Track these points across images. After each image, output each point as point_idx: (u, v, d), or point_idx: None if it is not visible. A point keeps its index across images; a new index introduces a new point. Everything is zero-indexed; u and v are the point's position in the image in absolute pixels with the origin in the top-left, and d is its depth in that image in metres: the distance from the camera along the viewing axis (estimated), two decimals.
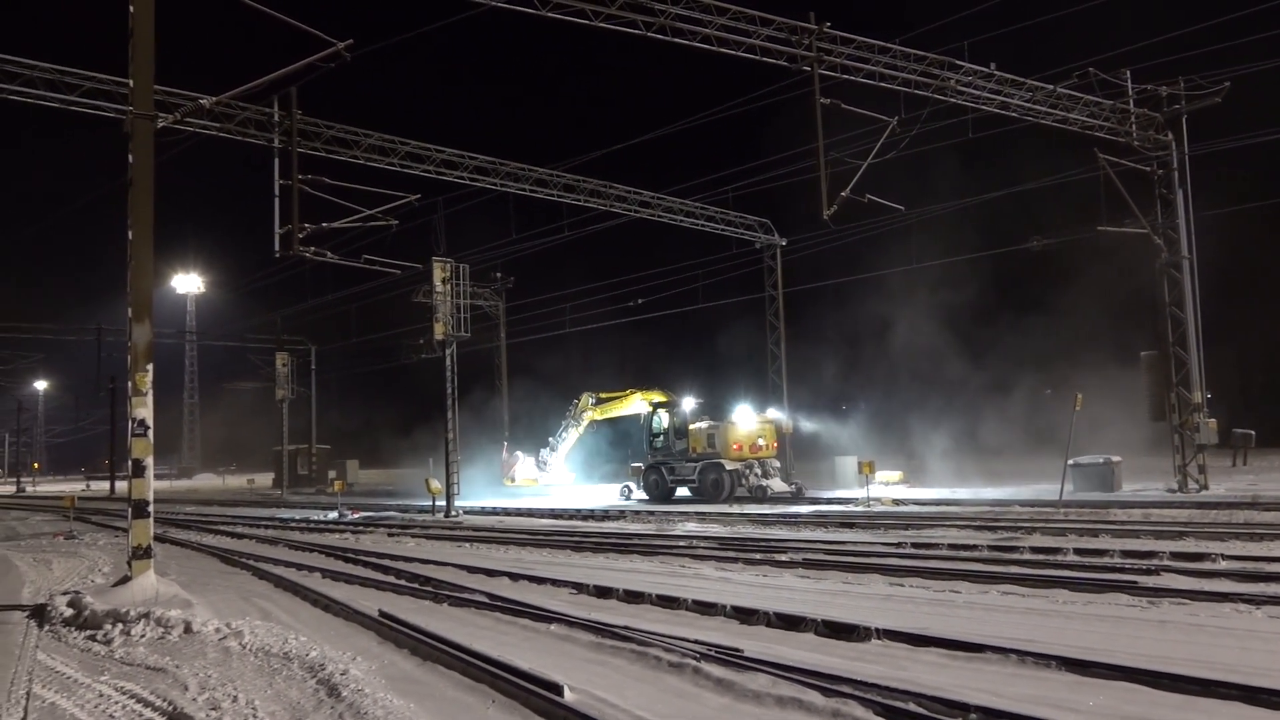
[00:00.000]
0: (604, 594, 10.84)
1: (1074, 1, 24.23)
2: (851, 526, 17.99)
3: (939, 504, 22.27)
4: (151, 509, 11.31)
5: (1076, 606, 9.03)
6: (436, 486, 26.17)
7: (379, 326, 47.28)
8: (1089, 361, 30.47)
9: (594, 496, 31.96)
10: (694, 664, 7.02)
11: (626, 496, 30.73)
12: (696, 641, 7.61)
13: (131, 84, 11.91)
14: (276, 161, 18.66)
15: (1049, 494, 21.47)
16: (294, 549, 18.26)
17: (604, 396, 34.88)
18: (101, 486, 65.46)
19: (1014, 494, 23.20)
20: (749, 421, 28.77)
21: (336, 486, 34.67)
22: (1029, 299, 43.33)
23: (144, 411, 11.23)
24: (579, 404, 35.44)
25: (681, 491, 29.41)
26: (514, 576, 12.56)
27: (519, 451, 39.30)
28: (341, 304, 45.56)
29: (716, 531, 18.25)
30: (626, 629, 8.23)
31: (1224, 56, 22.34)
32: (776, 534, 17.25)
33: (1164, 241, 23.28)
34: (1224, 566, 10.96)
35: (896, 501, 23.38)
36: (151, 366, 11.42)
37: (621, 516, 23.04)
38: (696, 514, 22.39)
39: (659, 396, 32.20)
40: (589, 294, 41.01)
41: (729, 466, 27.52)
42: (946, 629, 7.88)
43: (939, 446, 34.59)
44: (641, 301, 37.44)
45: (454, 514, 25.54)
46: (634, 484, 31.08)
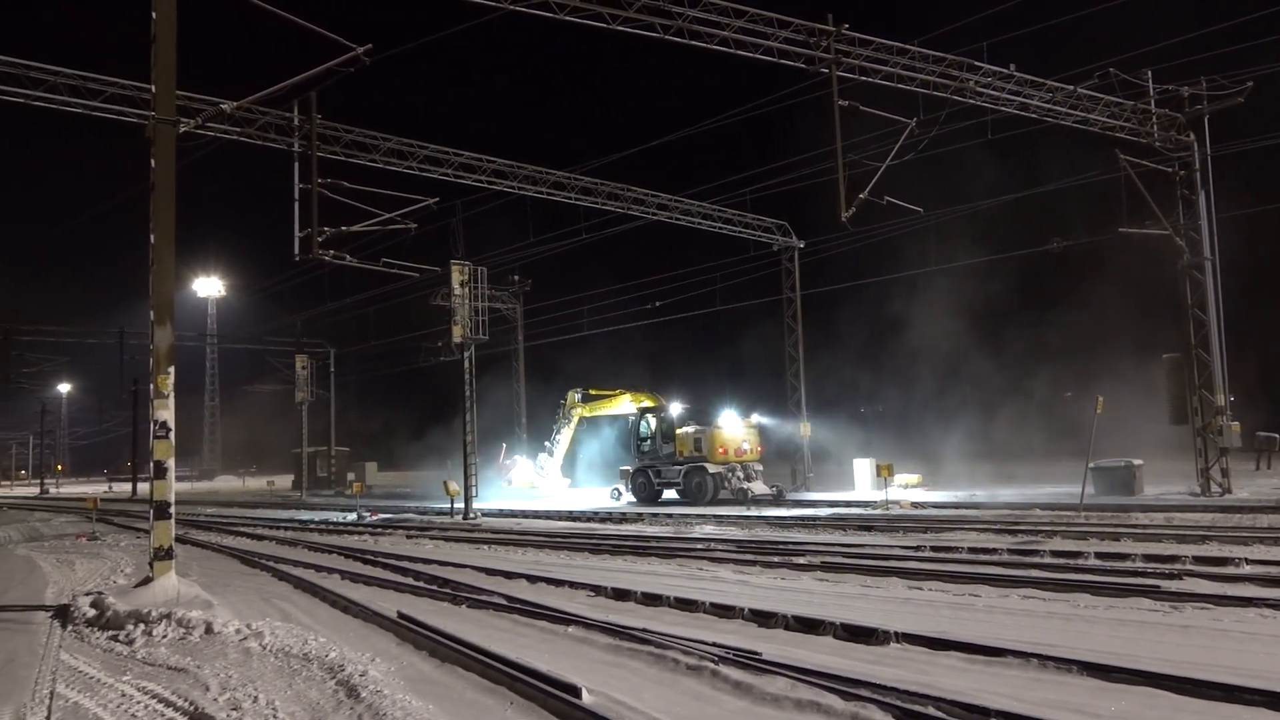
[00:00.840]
0: (622, 596, 10.84)
1: (1094, 1, 24.07)
2: (870, 529, 17.91)
3: (958, 507, 22.16)
4: (173, 510, 11.40)
5: (1098, 611, 8.96)
6: (455, 488, 26.26)
7: (397, 329, 47.44)
8: (1110, 364, 30.26)
9: (597, 500, 32.16)
10: (712, 667, 7.01)
11: (616, 498, 31.75)
12: (714, 644, 7.59)
13: (154, 89, 12.03)
14: (296, 165, 18.73)
15: (1069, 497, 21.30)
16: (313, 550, 18.36)
17: (593, 394, 35.40)
18: (124, 488, 66.04)
19: (1034, 497, 23.04)
20: (734, 426, 29.62)
21: (355, 488, 34.92)
22: (1049, 301, 43.07)
23: (165, 413, 11.32)
24: (566, 402, 35.88)
25: (669, 494, 30.15)
26: (532, 579, 12.57)
27: (517, 455, 39.67)
28: (360, 307, 45.77)
29: (734, 534, 18.22)
30: (644, 631, 8.23)
31: (1246, 56, 22.10)
32: (794, 537, 17.21)
33: (1186, 243, 23.06)
34: (1248, 571, 10.85)
35: (915, 504, 23.26)
36: (173, 369, 11.51)
37: (639, 519, 23.05)
38: (714, 517, 22.36)
39: (648, 401, 32.79)
40: (606, 297, 41.01)
41: (712, 470, 28.46)
42: (966, 633, 7.84)
43: (958, 449, 34.42)
44: (659, 304, 37.43)
45: (472, 516, 25.60)
46: (623, 486, 31.89)
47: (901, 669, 6.93)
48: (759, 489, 28.30)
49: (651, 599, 10.42)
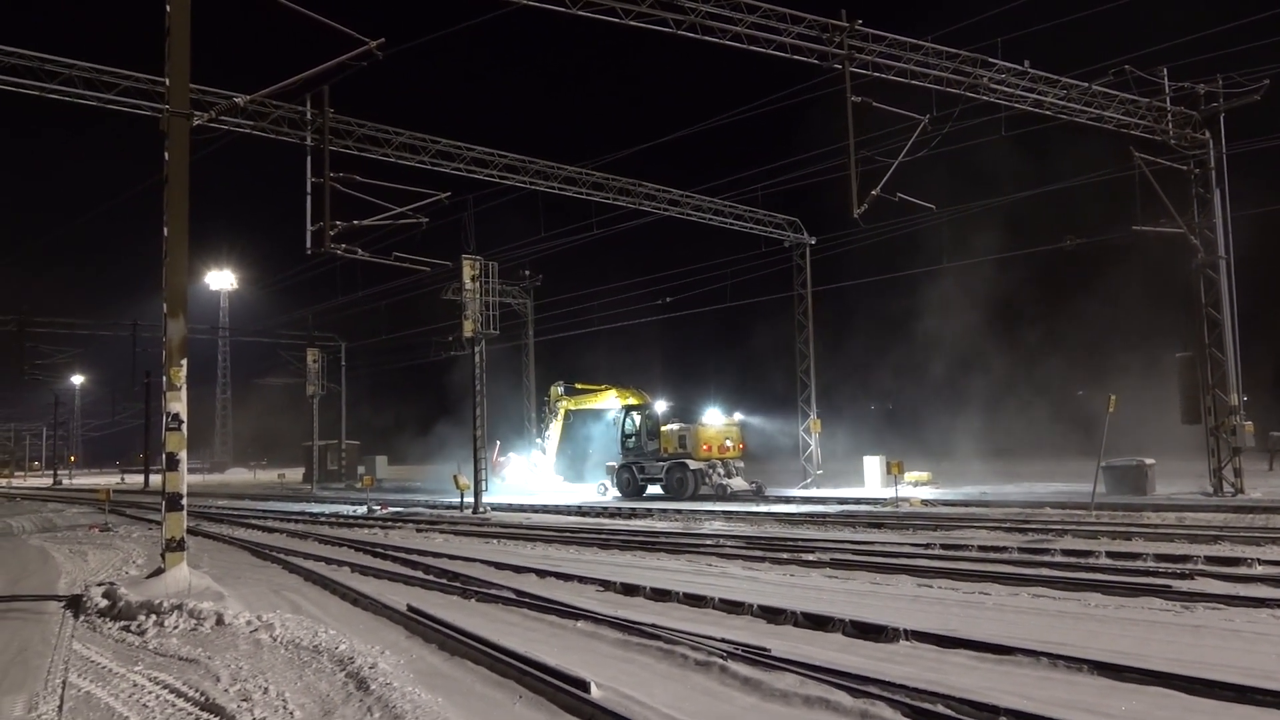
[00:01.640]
0: (631, 591, 10.85)
1: None
2: (880, 527, 17.88)
3: (968, 505, 22.09)
4: (185, 502, 11.45)
5: (1109, 610, 8.92)
6: (465, 482, 26.32)
7: (409, 324, 47.52)
8: (1122, 362, 30.13)
9: (590, 496, 32.45)
10: (721, 662, 7.01)
11: (603, 493, 32.64)
12: (723, 640, 7.59)
13: (168, 82, 12.08)
14: (309, 159, 18.77)
15: (1080, 495, 21.22)
16: (324, 543, 18.44)
17: (579, 387, 35.72)
18: (136, 479, 66.42)
19: (1044, 495, 22.95)
20: (718, 424, 30.40)
21: (365, 482, 35.09)
22: (1062, 298, 42.88)
23: (178, 406, 11.37)
24: (550, 395, 36.04)
25: (653, 490, 30.92)
26: (541, 573, 12.60)
27: (512, 453, 39.85)
28: (372, 301, 45.79)
29: (743, 530, 18.22)
30: (653, 627, 8.24)
31: (1263, 54, 21.91)
32: (804, 534, 17.19)
33: (1200, 241, 22.92)
34: (1260, 571, 10.79)
35: (925, 502, 23.21)
36: (186, 362, 11.56)
37: (649, 515, 23.07)
38: (724, 513, 22.36)
39: (634, 398, 33.15)
40: (617, 292, 41.00)
41: (693, 466, 29.35)
42: (976, 631, 7.82)
43: (968, 447, 34.34)
44: (670, 300, 37.44)
45: (482, 510, 25.65)
46: (609, 481, 32.71)
47: (911, 666, 6.92)
48: (738, 485, 29.12)
49: (660, 594, 10.42)
